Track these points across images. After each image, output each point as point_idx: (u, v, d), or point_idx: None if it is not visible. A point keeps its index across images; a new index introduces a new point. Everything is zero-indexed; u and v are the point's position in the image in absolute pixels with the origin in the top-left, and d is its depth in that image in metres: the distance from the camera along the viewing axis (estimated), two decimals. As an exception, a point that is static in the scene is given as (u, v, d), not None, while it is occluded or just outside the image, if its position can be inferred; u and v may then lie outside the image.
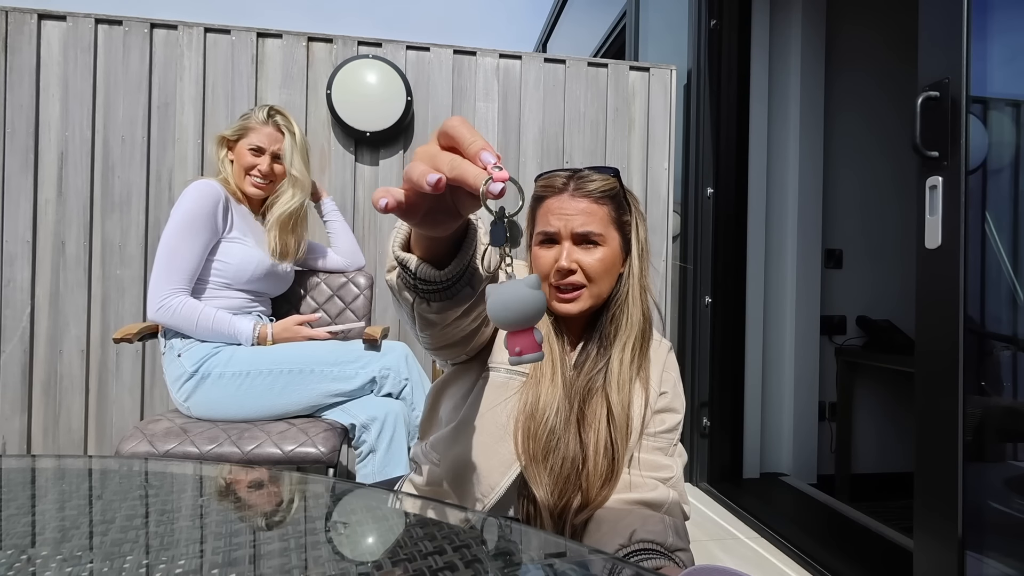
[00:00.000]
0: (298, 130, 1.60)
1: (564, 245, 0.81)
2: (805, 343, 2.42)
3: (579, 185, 0.81)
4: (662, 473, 0.82)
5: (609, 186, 0.82)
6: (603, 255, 0.81)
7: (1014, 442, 1.18)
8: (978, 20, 1.12)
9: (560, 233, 0.81)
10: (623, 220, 0.84)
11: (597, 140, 2.30)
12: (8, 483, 0.58)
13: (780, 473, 2.40)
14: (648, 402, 0.84)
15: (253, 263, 1.52)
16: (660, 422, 0.85)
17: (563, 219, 0.80)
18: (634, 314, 0.84)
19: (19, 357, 1.90)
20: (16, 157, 1.91)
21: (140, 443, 1.30)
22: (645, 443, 0.84)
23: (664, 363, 0.89)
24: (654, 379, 0.86)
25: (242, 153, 1.55)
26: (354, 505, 0.56)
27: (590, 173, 0.82)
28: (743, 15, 2.33)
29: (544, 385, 0.80)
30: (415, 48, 2.17)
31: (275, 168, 1.57)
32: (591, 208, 0.81)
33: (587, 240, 0.81)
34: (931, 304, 1.19)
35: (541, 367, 0.81)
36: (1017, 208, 1.18)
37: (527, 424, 0.79)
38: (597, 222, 0.81)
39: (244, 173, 1.56)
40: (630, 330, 0.83)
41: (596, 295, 0.82)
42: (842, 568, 1.55)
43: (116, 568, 0.39)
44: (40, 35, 1.93)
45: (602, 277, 0.82)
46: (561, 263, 0.80)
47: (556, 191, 0.82)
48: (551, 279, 0.81)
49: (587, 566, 0.44)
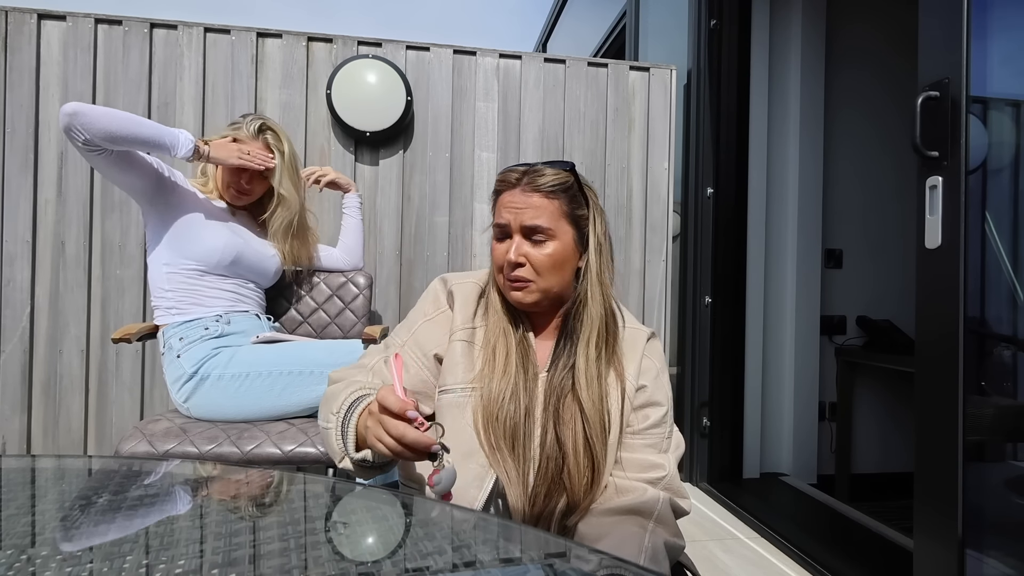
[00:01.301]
0: (287, 145, 1.58)
1: (514, 239, 0.83)
2: (805, 343, 2.42)
3: (531, 179, 0.83)
4: (653, 473, 0.81)
5: (561, 180, 0.83)
6: (552, 250, 0.82)
7: (1014, 442, 1.18)
8: (978, 20, 1.12)
9: (511, 226, 0.83)
10: (577, 214, 0.84)
11: (597, 140, 2.30)
12: (8, 483, 0.58)
13: (780, 473, 2.40)
14: (625, 397, 0.83)
15: (221, 243, 1.49)
16: (644, 418, 0.84)
17: (513, 212, 0.82)
18: (593, 310, 0.84)
19: (19, 357, 1.90)
20: (16, 157, 1.91)
21: (140, 443, 1.30)
22: (631, 442, 0.83)
23: (642, 353, 0.87)
24: (630, 372, 0.85)
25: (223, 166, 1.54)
26: (354, 505, 0.56)
27: (544, 168, 0.84)
28: (743, 15, 2.33)
29: (497, 377, 0.82)
30: (415, 48, 2.17)
31: (256, 185, 1.57)
32: (541, 202, 0.82)
33: (536, 233, 0.82)
34: (931, 304, 1.19)
35: (492, 363, 0.83)
36: (1017, 208, 1.18)
37: (485, 415, 0.80)
38: (547, 216, 0.81)
39: (226, 184, 1.56)
40: (591, 326, 0.84)
41: (545, 289, 0.83)
42: (842, 568, 1.55)
43: (116, 568, 0.39)
44: (40, 35, 1.93)
45: (550, 271, 0.83)
46: (509, 256, 0.82)
47: (510, 185, 0.84)
48: (504, 271, 0.84)
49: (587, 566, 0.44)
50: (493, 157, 2.23)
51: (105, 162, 1.36)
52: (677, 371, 2.44)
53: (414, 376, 0.86)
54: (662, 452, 0.84)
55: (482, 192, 2.22)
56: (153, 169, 1.46)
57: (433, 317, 0.89)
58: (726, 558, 1.68)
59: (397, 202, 2.15)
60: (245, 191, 1.57)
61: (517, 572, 0.42)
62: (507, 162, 2.24)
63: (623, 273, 2.31)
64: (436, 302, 0.90)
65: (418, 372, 0.86)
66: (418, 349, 0.87)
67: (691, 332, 2.34)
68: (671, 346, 2.40)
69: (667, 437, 0.86)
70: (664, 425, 0.85)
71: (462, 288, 0.90)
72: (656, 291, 2.34)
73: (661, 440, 0.84)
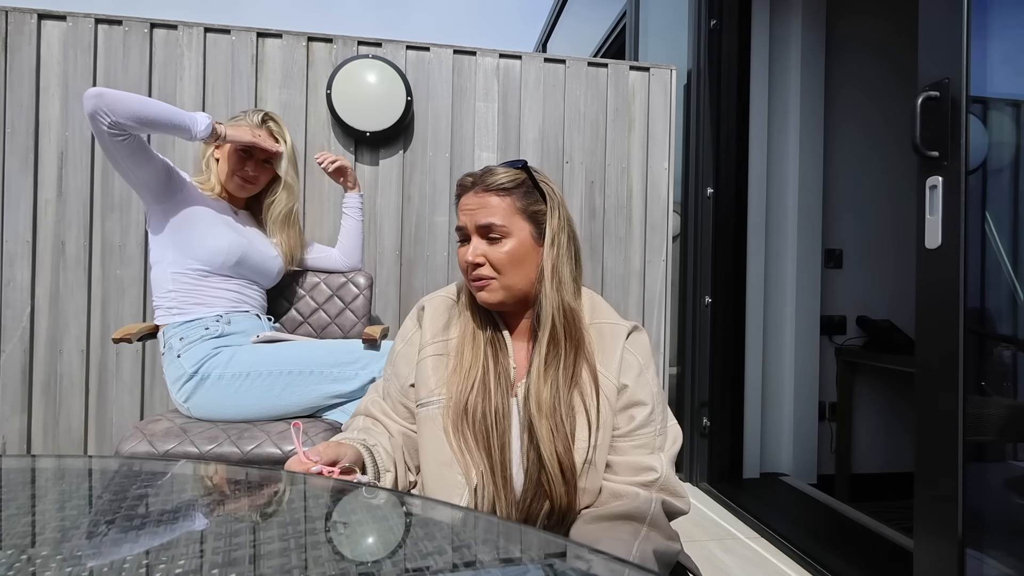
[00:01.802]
0: (289, 138, 1.63)
1: (472, 240, 0.84)
2: (805, 343, 2.42)
3: (482, 180, 0.84)
4: (645, 476, 0.80)
5: (511, 178, 0.84)
6: (510, 247, 0.83)
7: (1014, 442, 1.18)
8: (978, 20, 1.12)
9: (467, 228, 0.84)
10: (533, 210, 0.84)
11: (597, 140, 2.30)
12: (8, 483, 0.58)
13: (780, 473, 2.40)
14: (601, 395, 0.82)
15: (226, 243, 1.50)
16: (629, 419, 0.83)
17: (468, 214, 0.84)
18: (547, 308, 0.82)
19: (19, 357, 1.90)
20: (16, 157, 1.91)
21: (140, 443, 1.30)
22: (620, 444, 0.82)
23: (623, 349, 0.85)
24: (609, 370, 0.83)
25: (230, 153, 1.55)
26: (354, 505, 0.56)
27: (496, 168, 0.85)
28: (743, 15, 2.33)
29: (460, 378, 0.83)
30: (415, 48, 2.17)
31: (261, 173, 1.59)
32: (493, 201, 0.83)
33: (491, 231, 0.82)
34: (931, 304, 1.19)
35: (460, 366, 0.84)
36: (1017, 208, 1.18)
37: (453, 416, 0.81)
38: (500, 214, 0.82)
39: (231, 173, 1.56)
40: (544, 326, 0.82)
41: (508, 286, 0.83)
42: (842, 568, 1.55)
43: (116, 568, 0.39)
44: (40, 35, 1.93)
45: (509, 268, 0.83)
46: (467, 257, 0.83)
47: (466, 189, 0.86)
48: (467, 273, 0.85)
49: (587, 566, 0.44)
50: (493, 157, 2.23)
51: (126, 150, 1.37)
52: (677, 371, 2.44)
53: (400, 408, 0.89)
54: (655, 451, 0.83)
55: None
56: (164, 163, 1.47)
57: (409, 338, 0.91)
58: (726, 558, 1.68)
59: (397, 202, 2.15)
60: (250, 179, 1.58)
61: (517, 572, 0.42)
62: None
63: (623, 273, 2.31)
64: (410, 323, 0.92)
65: (404, 404, 0.89)
66: (398, 382, 0.89)
67: (691, 332, 2.34)
68: (671, 346, 2.40)
69: (658, 435, 0.84)
70: (652, 424, 0.83)
71: (432, 303, 0.92)
72: (656, 291, 2.34)
73: (652, 439, 0.83)
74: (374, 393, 0.94)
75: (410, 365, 0.88)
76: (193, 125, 1.41)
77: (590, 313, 0.88)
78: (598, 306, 0.90)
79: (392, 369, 0.91)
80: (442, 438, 0.81)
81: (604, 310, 0.90)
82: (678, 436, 0.87)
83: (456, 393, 0.82)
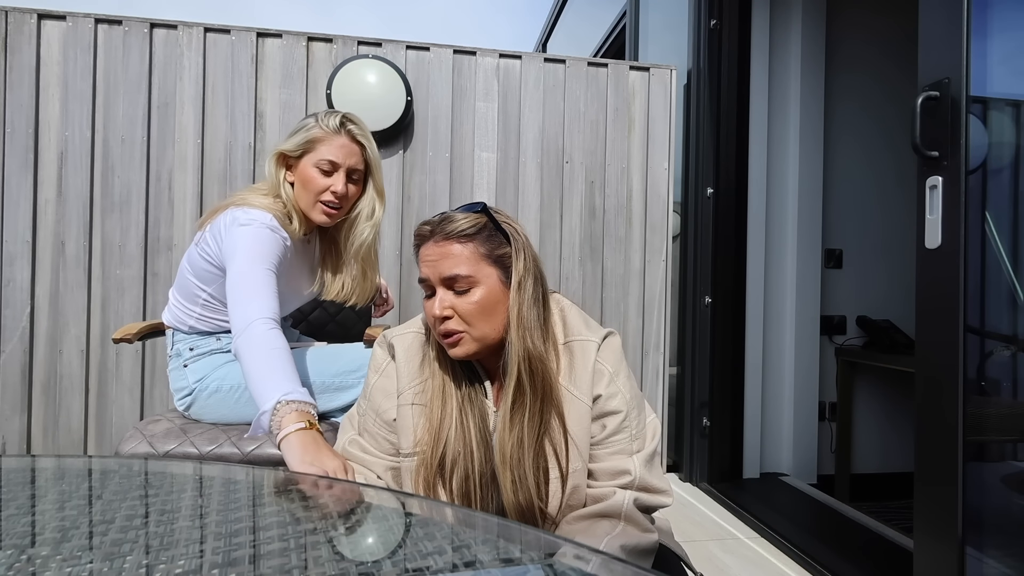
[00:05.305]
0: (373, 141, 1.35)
1: (438, 292, 0.80)
2: (805, 343, 2.42)
3: (441, 228, 0.80)
4: (621, 479, 0.81)
5: (472, 223, 0.80)
6: (479, 296, 0.79)
7: (1014, 442, 1.18)
8: (978, 20, 1.12)
9: (431, 280, 0.81)
10: (498, 254, 0.81)
11: (597, 140, 2.30)
12: (8, 483, 0.58)
13: (780, 473, 2.39)
14: (581, 421, 0.82)
15: (297, 298, 1.37)
16: (601, 428, 0.83)
17: (431, 265, 0.80)
18: (512, 356, 0.79)
19: (19, 357, 1.90)
20: (16, 157, 1.91)
21: (140, 443, 1.30)
22: (597, 452, 0.83)
23: (593, 363, 0.83)
24: (582, 390, 0.83)
25: (309, 174, 1.25)
26: (354, 505, 0.56)
27: (454, 214, 0.81)
28: (743, 15, 2.33)
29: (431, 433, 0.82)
30: (415, 48, 2.17)
31: (350, 189, 1.29)
32: (455, 249, 0.79)
33: (457, 282, 0.79)
34: (931, 304, 1.19)
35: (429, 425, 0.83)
36: (1017, 208, 1.18)
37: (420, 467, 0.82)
38: (463, 263, 0.79)
39: (314, 199, 1.26)
40: (512, 372, 0.79)
41: (479, 337, 0.80)
42: (842, 568, 1.55)
43: (116, 568, 0.39)
44: (40, 35, 1.93)
45: (479, 319, 0.79)
46: (434, 311, 0.80)
47: (425, 239, 0.82)
48: (435, 327, 0.82)
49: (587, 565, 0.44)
50: (493, 157, 2.23)
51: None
52: (677, 371, 2.44)
53: (382, 442, 0.88)
54: (631, 455, 0.83)
55: (482, 192, 2.22)
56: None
57: (383, 370, 0.89)
58: (726, 558, 1.68)
59: (397, 202, 2.15)
60: (339, 199, 1.26)
61: (517, 572, 0.42)
62: (507, 162, 2.24)
63: (623, 273, 2.31)
64: (381, 352, 0.91)
65: (386, 438, 0.88)
66: (378, 418, 0.88)
67: (691, 332, 2.34)
68: (671, 346, 2.40)
69: (634, 439, 0.84)
70: (625, 430, 0.83)
71: (402, 340, 0.89)
72: (656, 291, 2.34)
73: (628, 443, 0.83)
74: (350, 430, 0.92)
75: (390, 399, 0.87)
76: (260, 415, 1.05)
77: (562, 331, 0.86)
78: (569, 320, 0.87)
79: (368, 403, 0.89)
80: (422, 489, 0.82)
81: (575, 324, 0.87)
82: (656, 431, 0.87)
83: (428, 454, 0.81)
